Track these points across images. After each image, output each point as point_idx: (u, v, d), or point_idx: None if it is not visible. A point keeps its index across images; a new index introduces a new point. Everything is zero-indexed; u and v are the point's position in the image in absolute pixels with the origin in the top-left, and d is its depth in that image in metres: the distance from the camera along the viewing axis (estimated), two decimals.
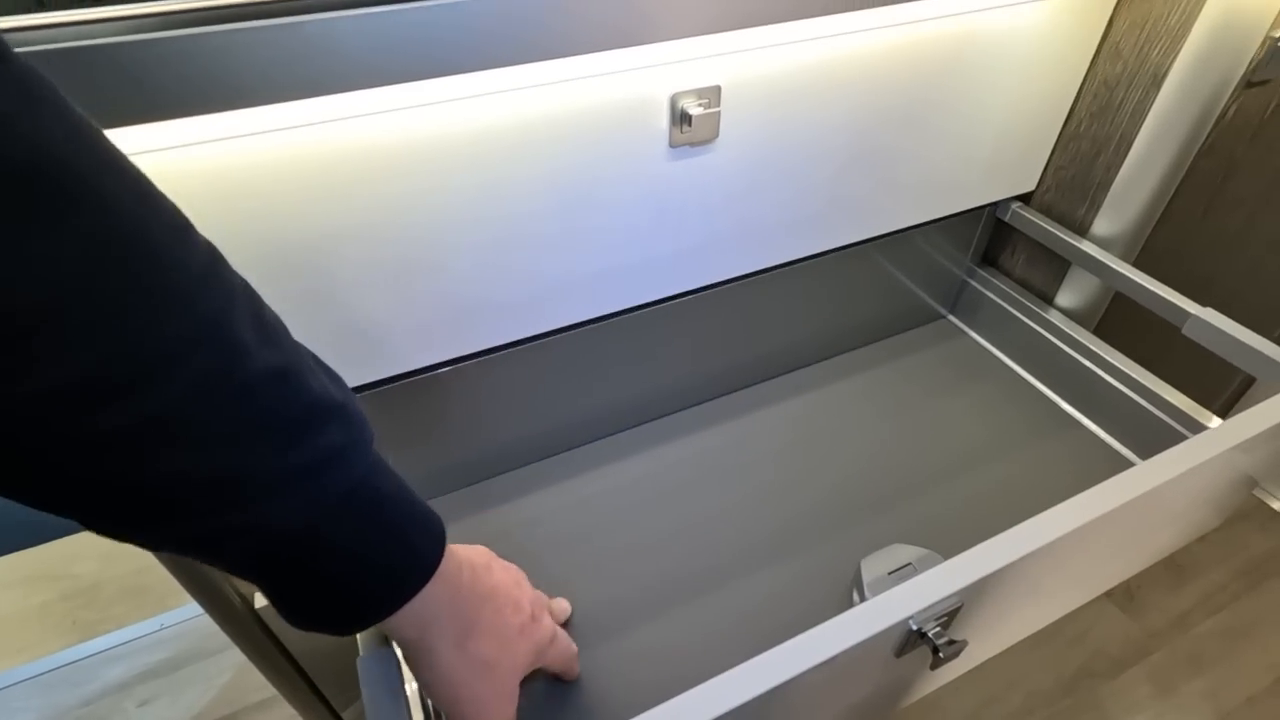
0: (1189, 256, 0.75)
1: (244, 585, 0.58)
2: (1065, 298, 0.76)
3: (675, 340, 0.67)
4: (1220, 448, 0.46)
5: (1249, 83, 0.60)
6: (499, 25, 0.37)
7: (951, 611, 0.40)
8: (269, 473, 0.23)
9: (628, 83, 0.46)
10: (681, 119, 0.48)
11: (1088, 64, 0.65)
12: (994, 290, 0.80)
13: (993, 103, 0.63)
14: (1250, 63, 0.58)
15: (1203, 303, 0.61)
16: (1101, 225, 0.70)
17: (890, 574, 0.55)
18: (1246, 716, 1.05)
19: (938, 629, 0.40)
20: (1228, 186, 0.69)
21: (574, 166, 0.47)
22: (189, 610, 1.23)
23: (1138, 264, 0.71)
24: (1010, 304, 0.79)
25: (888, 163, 0.62)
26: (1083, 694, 1.07)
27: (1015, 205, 0.75)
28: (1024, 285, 0.79)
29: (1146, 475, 0.44)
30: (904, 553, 0.56)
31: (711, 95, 0.48)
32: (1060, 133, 0.69)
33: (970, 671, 1.10)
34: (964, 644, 0.41)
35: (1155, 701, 1.06)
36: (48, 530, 1.49)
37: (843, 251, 0.68)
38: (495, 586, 0.36)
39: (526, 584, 0.41)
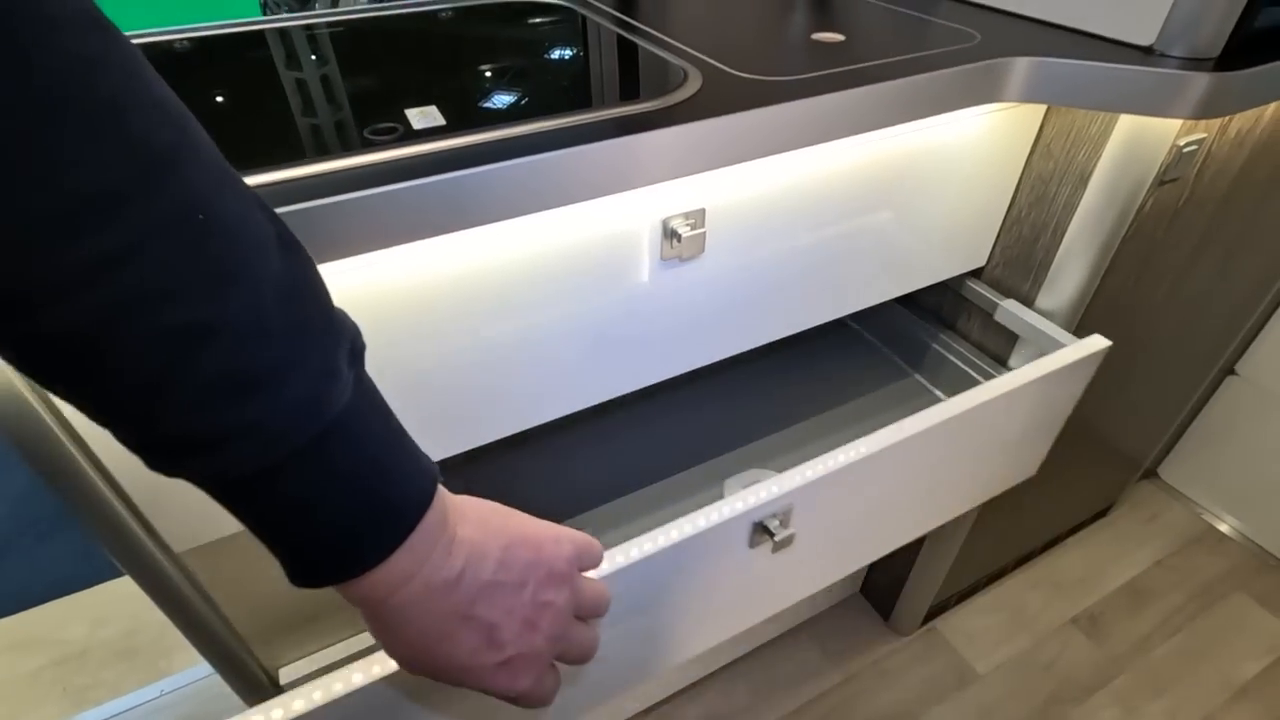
0: (1124, 323, 0.83)
1: (261, 651, 0.61)
2: (1017, 359, 0.84)
3: (668, 413, 0.73)
4: (1002, 390, 0.63)
5: (1162, 181, 0.68)
6: (527, 183, 0.43)
7: (786, 510, 0.55)
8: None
9: (624, 211, 0.52)
10: (671, 237, 0.55)
11: (1024, 162, 0.73)
12: (954, 353, 0.88)
13: (945, 196, 0.70)
14: (1161, 165, 0.66)
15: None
16: (1045, 298, 0.78)
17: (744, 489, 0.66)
18: None
19: (777, 523, 0.55)
20: (1151, 263, 0.78)
21: (581, 283, 0.54)
22: (189, 675, 1.24)
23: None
24: (969, 365, 0.86)
25: (856, 253, 0.69)
26: None
27: (968, 280, 0.83)
28: (980, 348, 0.87)
29: (941, 410, 0.62)
30: (760, 474, 0.66)
31: (698, 217, 0.55)
32: (1004, 218, 0.78)
33: (944, 703, 1.16)
34: (792, 535, 0.56)
35: None
36: (35, 595, 1.48)
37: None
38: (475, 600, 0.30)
39: (544, 617, 0.32)
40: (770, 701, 1.15)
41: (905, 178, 0.66)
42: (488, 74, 0.60)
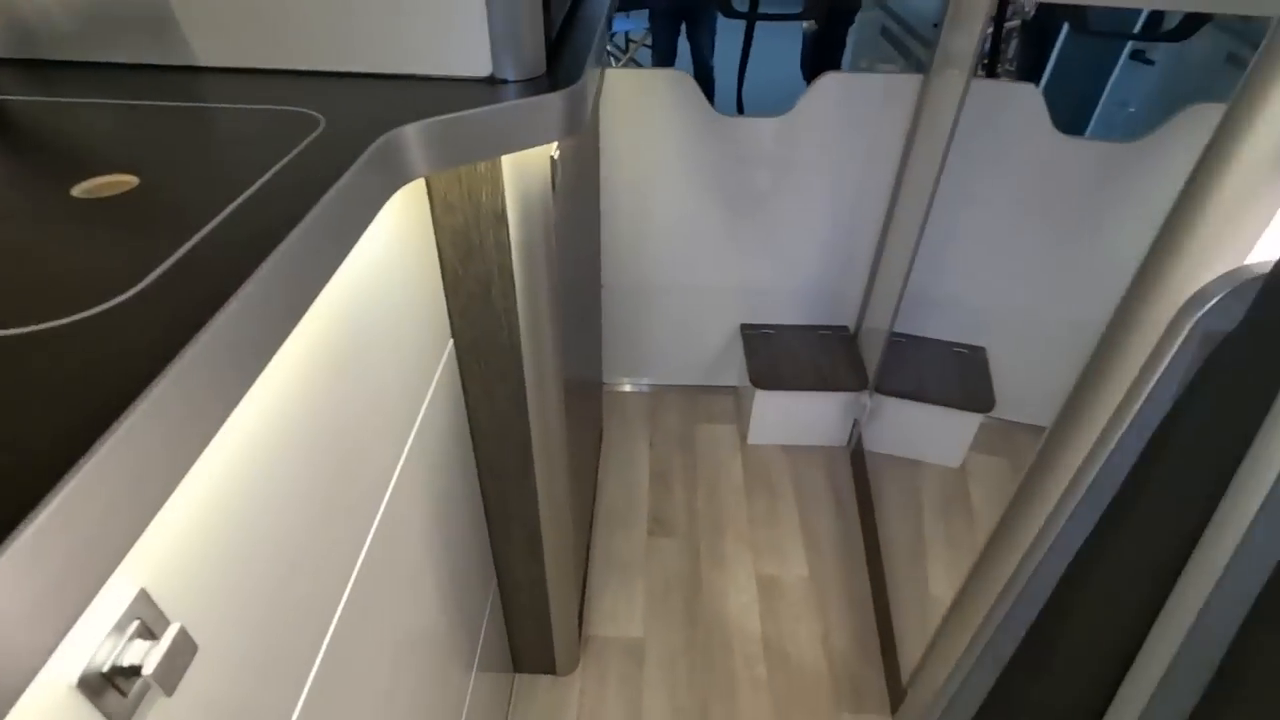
0: (574, 297, 0.87)
1: None
2: None
3: None
4: None
5: (554, 189, 0.68)
6: None
7: None
8: None
9: None
10: (110, 689, 0.26)
11: (430, 225, 0.63)
12: None
13: (384, 318, 0.55)
14: (551, 179, 0.66)
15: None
16: (525, 333, 0.73)
17: None
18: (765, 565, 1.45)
19: None
20: (562, 247, 0.81)
21: None
22: None
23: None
24: None
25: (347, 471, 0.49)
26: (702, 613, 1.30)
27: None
28: None
29: None
30: None
31: (151, 620, 0.27)
32: (444, 284, 0.68)
33: (642, 692, 1.17)
34: None
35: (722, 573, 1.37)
36: None
37: None
38: None
39: None
40: None
41: (352, 321, 0.48)
42: None
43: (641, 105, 1.35)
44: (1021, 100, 1.27)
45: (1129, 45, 1.48)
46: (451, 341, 0.72)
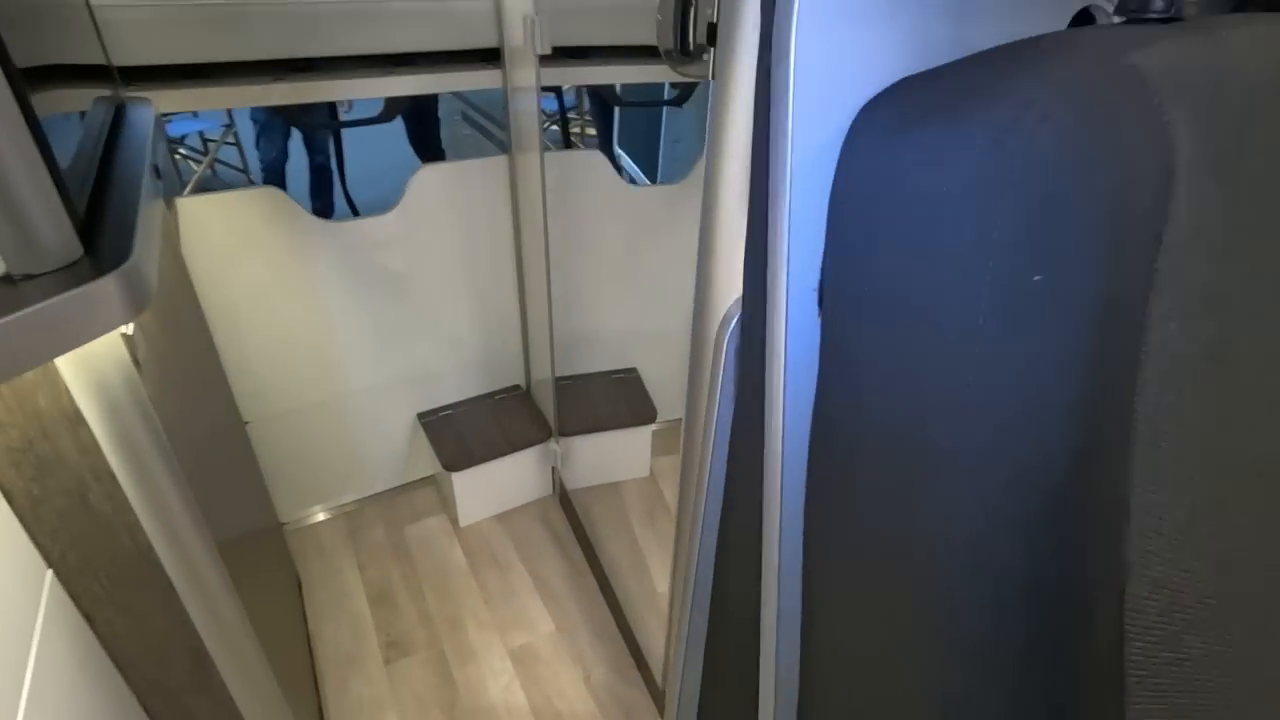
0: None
1: None
2: None
3: None
4: None
5: (138, 364, 0.61)
6: None
7: None
8: None
9: None
10: None
11: None
12: None
13: None
14: (131, 358, 0.59)
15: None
16: (158, 533, 0.64)
17: None
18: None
19: None
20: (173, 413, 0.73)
21: None
22: None
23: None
24: None
25: None
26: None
27: None
28: None
29: None
30: None
31: None
32: (15, 512, 0.56)
33: None
34: None
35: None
36: None
37: None
38: None
39: None
40: None
41: None
42: None
43: (236, 231, 1.26)
44: (593, 165, 1.50)
45: (665, 114, 1.86)
46: (50, 573, 0.59)
